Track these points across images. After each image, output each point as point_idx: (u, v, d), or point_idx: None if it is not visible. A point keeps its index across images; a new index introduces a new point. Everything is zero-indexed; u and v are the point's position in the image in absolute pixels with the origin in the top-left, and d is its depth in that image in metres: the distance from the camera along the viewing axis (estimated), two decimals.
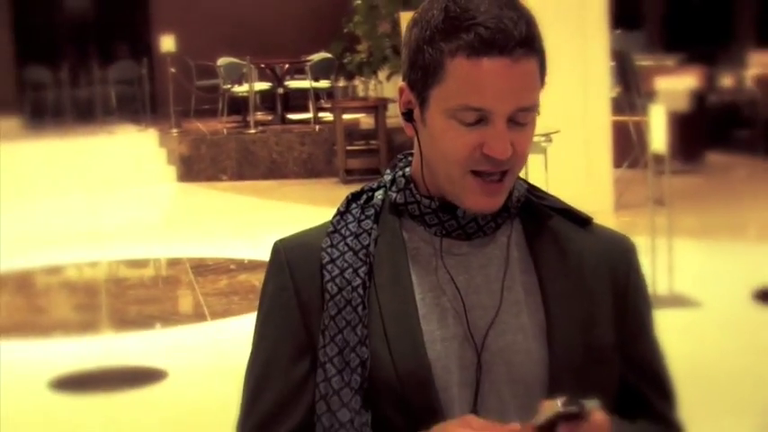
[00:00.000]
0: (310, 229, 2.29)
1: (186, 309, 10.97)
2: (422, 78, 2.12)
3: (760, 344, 8.94)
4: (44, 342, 9.77)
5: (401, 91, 2.21)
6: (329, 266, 2.16)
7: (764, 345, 8.94)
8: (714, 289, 10.24)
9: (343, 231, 2.21)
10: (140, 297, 11.37)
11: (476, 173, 2.11)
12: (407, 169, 2.25)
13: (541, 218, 2.26)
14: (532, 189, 2.27)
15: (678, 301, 9.79)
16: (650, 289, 2.57)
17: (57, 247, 13.07)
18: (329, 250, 2.18)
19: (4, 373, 8.34)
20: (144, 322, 10.35)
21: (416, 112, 2.16)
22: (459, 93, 2.08)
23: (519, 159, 2.14)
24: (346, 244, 2.19)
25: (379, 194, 2.25)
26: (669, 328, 2.21)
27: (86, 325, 10.33)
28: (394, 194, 2.23)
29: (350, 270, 2.15)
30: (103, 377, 8.68)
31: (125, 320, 10.39)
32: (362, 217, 2.23)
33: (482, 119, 2.07)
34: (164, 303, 11.22)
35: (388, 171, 2.30)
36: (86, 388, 8.54)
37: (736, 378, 8.16)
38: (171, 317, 10.61)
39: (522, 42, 2.06)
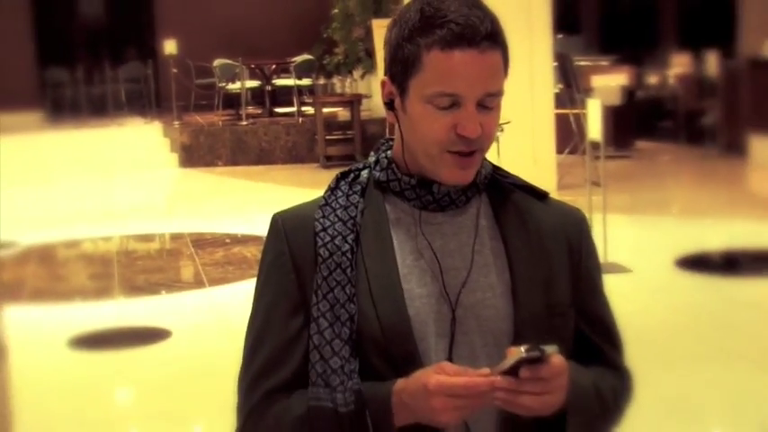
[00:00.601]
0: (304, 203, 2.30)
1: (187, 277, 10.86)
2: (402, 71, 2.16)
3: (682, 304, 9.15)
4: (63, 306, 9.73)
5: (383, 84, 2.23)
6: (321, 234, 2.18)
7: (686, 304, 9.14)
8: (642, 257, 10.36)
9: (333, 204, 2.22)
10: (147, 267, 11.36)
11: (453, 153, 2.14)
12: (389, 152, 2.27)
13: (505, 192, 2.28)
14: (497, 169, 2.29)
15: (612, 267, 9.70)
16: None
17: (74, 223, 12.97)
18: (321, 220, 2.20)
19: (29, 333, 8.33)
20: (150, 289, 10.30)
21: (397, 102, 2.19)
22: (435, 81, 2.11)
23: (487, 139, 2.17)
24: (336, 215, 2.20)
25: (364, 173, 2.27)
26: (607, 292, 2.40)
27: (100, 291, 10.27)
28: (378, 173, 2.25)
29: (339, 237, 2.17)
30: (115, 336, 8.72)
31: (134, 287, 10.35)
32: (350, 192, 2.24)
33: (455, 103, 2.11)
34: (167, 272, 11.13)
35: (372, 154, 2.31)
36: (100, 346, 8.55)
37: (662, 333, 8.24)
38: (174, 284, 10.56)
39: (488, 36, 2.11)
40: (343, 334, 2.12)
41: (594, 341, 2.32)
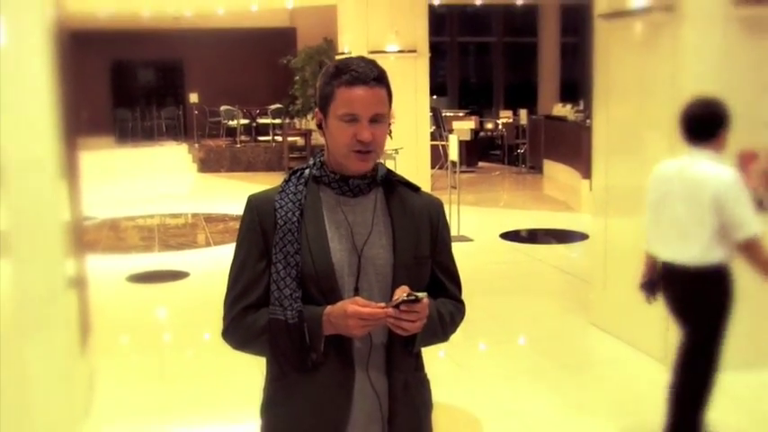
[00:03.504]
0: (269, 189, 2.23)
1: (200, 240, 10.65)
2: (324, 103, 2.14)
3: (502, 260, 9.25)
4: (123, 256, 9.61)
5: (316, 114, 2.20)
6: (279, 210, 2.14)
7: (504, 260, 9.22)
8: (480, 232, 10.35)
9: (287, 191, 2.18)
10: (176, 233, 11.21)
11: (355, 152, 2.11)
12: (322, 158, 2.21)
13: (394, 186, 2.23)
14: (390, 172, 2.24)
15: (462, 238, 9.84)
16: None
17: (131, 206, 12.89)
18: (279, 201, 2.16)
19: (102, 272, 8.22)
20: (177, 246, 10.12)
21: (323, 124, 2.16)
22: (343, 106, 2.09)
23: (378, 145, 2.13)
24: (288, 198, 2.16)
25: (307, 171, 2.21)
26: (458, 253, 2.38)
27: (146, 248, 10.15)
28: (314, 171, 2.20)
29: (290, 212, 2.14)
30: (155, 275, 8.70)
31: (167, 245, 10.21)
32: (298, 183, 2.19)
33: (355, 120, 2.08)
34: (188, 237, 10.97)
35: (312, 159, 2.25)
36: (146, 281, 8.50)
37: (490, 277, 8.28)
38: (192, 244, 10.33)
39: (375, 79, 2.10)
40: (292, 274, 2.10)
41: (443, 281, 2.29)
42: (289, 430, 2.19)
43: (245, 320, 2.16)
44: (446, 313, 2.24)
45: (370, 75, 2.12)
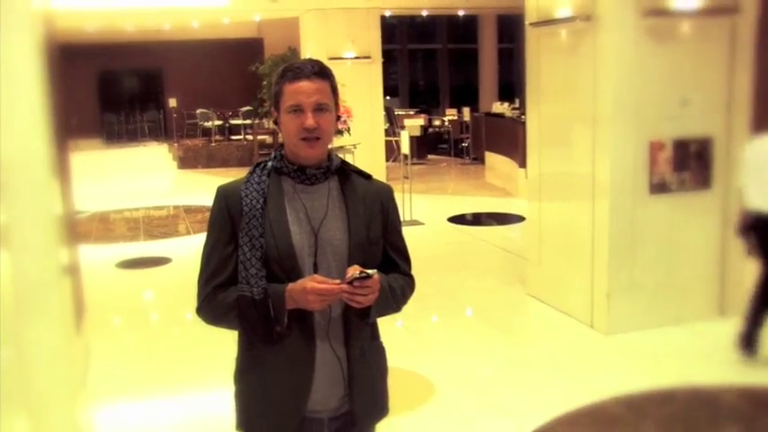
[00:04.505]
0: (235, 180, 2.21)
1: (181, 229, 10.54)
2: (276, 100, 2.14)
3: (449, 241, 9.24)
4: (113, 245, 9.49)
5: (271, 111, 2.20)
6: (245, 198, 2.12)
7: (451, 241, 9.23)
8: (430, 217, 10.36)
9: (251, 181, 2.16)
10: (159, 224, 11.07)
11: (303, 139, 2.10)
12: (282, 151, 2.18)
13: (348, 175, 2.21)
14: (344, 162, 2.22)
15: (414, 222, 9.87)
16: (400, 215, 2.47)
17: (118, 200, 12.75)
18: (245, 190, 2.14)
19: (93, 260, 8.18)
20: (161, 235, 10.01)
21: (278, 119, 2.16)
22: (289, 99, 2.09)
23: (324, 132, 2.11)
24: (253, 187, 2.14)
25: (269, 163, 2.18)
26: (411, 236, 2.35)
27: (133, 237, 10.04)
28: (275, 163, 2.17)
29: (255, 200, 2.11)
30: (141, 261, 8.63)
31: (151, 235, 10.10)
32: (261, 174, 2.17)
33: (300, 110, 2.08)
34: (170, 227, 10.82)
35: (273, 152, 2.22)
36: (133, 267, 8.43)
37: (438, 255, 8.29)
38: (174, 233, 10.21)
39: (315, 73, 2.09)
40: (257, 255, 2.08)
41: (394, 258, 2.28)
42: (259, 395, 2.18)
43: (217, 298, 2.14)
44: (397, 287, 2.24)
45: (311, 69, 2.11)
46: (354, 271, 2.01)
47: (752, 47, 5.85)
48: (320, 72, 2.13)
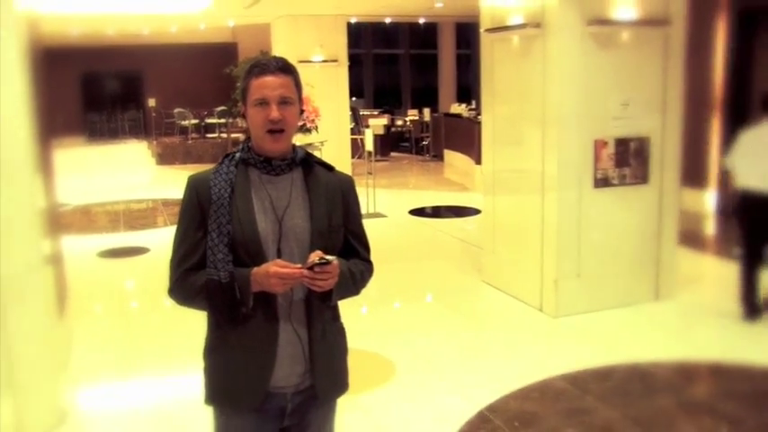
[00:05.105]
0: (205, 170, 2.17)
1: (159, 221, 10.33)
2: (244, 95, 2.12)
3: (410, 232, 9.21)
4: (94, 236, 9.30)
5: (240, 107, 2.17)
6: (213, 187, 2.10)
7: (412, 233, 9.19)
8: (392, 210, 10.30)
9: (220, 171, 2.14)
10: (138, 216, 10.93)
11: (268, 132, 2.09)
12: (249, 143, 2.15)
13: (311, 166, 2.19)
14: (308, 154, 2.20)
15: (377, 215, 9.83)
16: (364, 209, 2.50)
17: (100, 194, 12.52)
18: (214, 180, 2.12)
19: (76, 249, 8.06)
20: (140, 226, 9.82)
21: (246, 112, 2.13)
22: (255, 93, 2.07)
23: (288, 124, 2.10)
24: (222, 177, 2.12)
25: (237, 154, 2.15)
26: (374, 227, 2.33)
27: (113, 228, 9.90)
28: (243, 154, 2.15)
29: (223, 189, 2.10)
30: (121, 251, 8.51)
31: (131, 226, 9.95)
32: (230, 165, 2.14)
33: (265, 103, 2.06)
34: (149, 219, 10.66)
35: (241, 144, 2.19)
36: (114, 256, 8.30)
37: (399, 245, 8.29)
38: (152, 224, 10.06)
39: (279, 68, 2.08)
40: (224, 241, 2.06)
41: (354, 245, 2.26)
42: (225, 371, 2.17)
43: (187, 281, 2.13)
44: (357, 272, 2.22)
45: (276, 65, 2.10)
46: (315, 256, 2.00)
47: (682, 55, 5.95)
48: (284, 68, 2.11)
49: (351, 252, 2.26)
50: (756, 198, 5.41)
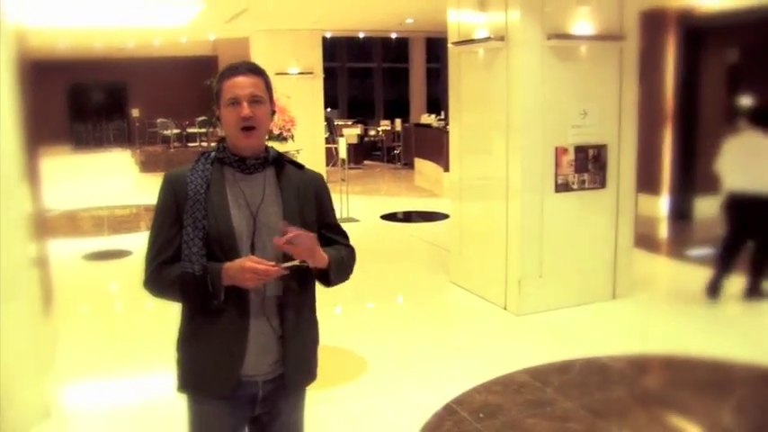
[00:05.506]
0: (182, 167, 2.16)
1: (142, 226, 10.15)
2: (217, 98, 2.12)
3: (382, 236, 9.19)
4: (80, 239, 9.22)
5: (215, 110, 2.16)
6: (190, 184, 2.09)
7: (384, 236, 9.18)
8: (365, 214, 10.29)
9: (196, 169, 2.12)
10: (122, 221, 10.79)
11: (241, 129, 2.08)
12: (225, 143, 2.14)
13: (283, 165, 2.18)
14: (280, 154, 2.18)
15: (351, 219, 9.79)
16: (337, 215, 2.46)
17: (86, 200, 12.39)
18: (190, 177, 2.10)
19: (62, 253, 7.99)
20: (123, 231, 9.77)
21: (220, 115, 2.13)
22: (226, 94, 2.08)
23: (259, 122, 2.09)
24: (198, 174, 2.11)
25: (213, 154, 2.15)
26: (347, 231, 2.32)
27: (98, 232, 9.82)
28: (219, 154, 2.15)
29: (199, 186, 2.08)
30: (106, 253, 8.45)
31: (115, 230, 9.87)
32: (205, 163, 2.13)
33: (237, 102, 2.07)
34: (132, 223, 10.56)
35: (216, 144, 2.18)
36: (98, 259, 8.25)
37: (374, 248, 8.23)
38: (135, 229, 9.91)
39: (248, 69, 2.09)
40: (199, 235, 2.05)
41: (332, 236, 2.26)
42: (198, 361, 2.16)
43: (162, 274, 2.11)
44: (345, 256, 2.24)
45: (246, 67, 2.11)
46: (284, 227, 2.01)
47: (635, 68, 6.03)
48: (254, 69, 2.13)
49: (330, 244, 2.25)
50: (742, 198, 5.78)
